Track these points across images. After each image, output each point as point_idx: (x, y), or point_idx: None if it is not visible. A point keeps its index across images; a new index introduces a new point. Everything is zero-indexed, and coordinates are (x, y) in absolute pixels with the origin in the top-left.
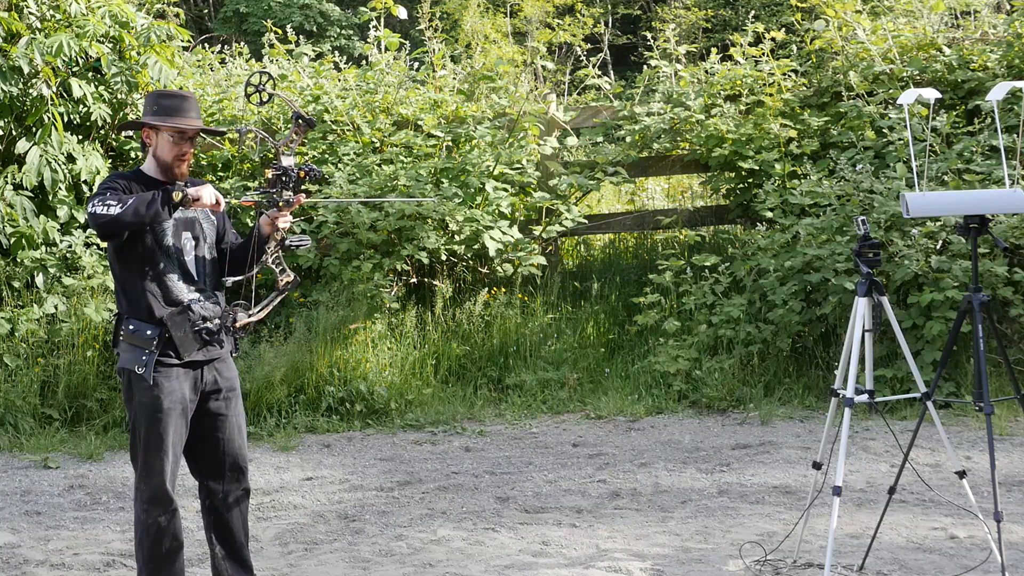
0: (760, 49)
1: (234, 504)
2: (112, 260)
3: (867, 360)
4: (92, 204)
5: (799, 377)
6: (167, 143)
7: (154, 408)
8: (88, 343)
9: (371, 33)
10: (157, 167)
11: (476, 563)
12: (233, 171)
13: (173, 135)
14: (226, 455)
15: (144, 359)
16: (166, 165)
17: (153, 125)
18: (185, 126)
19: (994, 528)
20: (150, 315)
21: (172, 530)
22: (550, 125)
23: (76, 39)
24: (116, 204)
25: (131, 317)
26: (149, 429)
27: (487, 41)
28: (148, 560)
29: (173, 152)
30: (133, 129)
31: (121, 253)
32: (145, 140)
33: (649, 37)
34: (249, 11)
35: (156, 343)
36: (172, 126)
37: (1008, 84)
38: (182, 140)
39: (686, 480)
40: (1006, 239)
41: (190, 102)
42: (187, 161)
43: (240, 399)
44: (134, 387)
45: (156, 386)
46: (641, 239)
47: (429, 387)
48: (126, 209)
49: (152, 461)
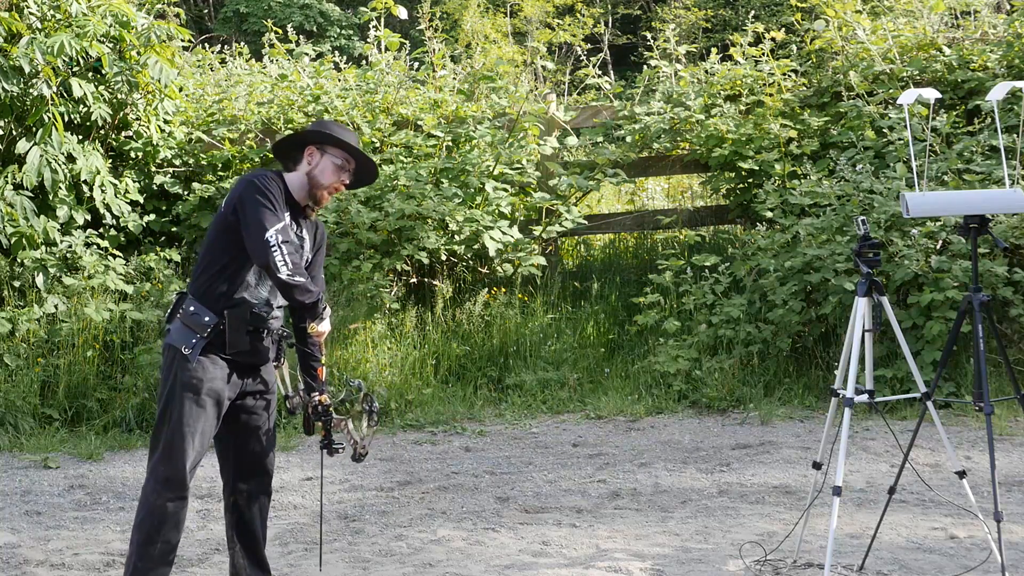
0: (760, 49)
1: (256, 505)
2: (213, 236)
3: (867, 360)
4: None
5: (799, 377)
6: (331, 167)
7: (192, 390)
8: (88, 343)
9: (371, 33)
10: (306, 186)
11: (476, 563)
12: (233, 171)
13: (341, 159)
14: (257, 454)
15: (194, 342)
16: (319, 188)
17: (326, 145)
18: (362, 153)
19: (994, 528)
20: (215, 304)
21: (176, 518)
22: (550, 125)
23: (76, 39)
24: (284, 265)
25: (196, 299)
26: (182, 410)
27: (487, 41)
28: (143, 543)
29: (333, 178)
30: (300, 145)
31: (226, 236)
32: (307, 156)
33: (649, 37)
34: (249, 11)
35: (209, 332)
36: (354, 149)
37: (1008, 84)
38: (345, 171)
39: (686, 480)
40: (1006, 239)
41: (355, 138)
42: (334, 194)
43: (275, 406)
44: (176, 365)
45: (200, 367)
46: (641, 239)
47: (429, 387)
48: (298, 283)
49: (177, 442)
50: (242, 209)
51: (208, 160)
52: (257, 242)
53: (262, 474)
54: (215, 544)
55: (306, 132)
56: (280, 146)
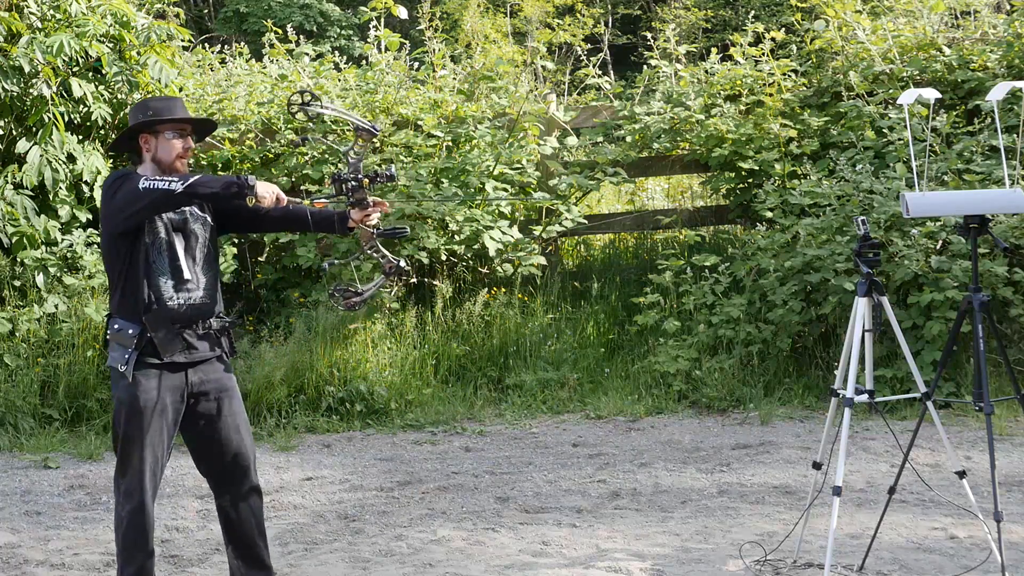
0: (760, 49)
1: (242, 503)
2: (105, 256)
3: (867, 360)
4: (136, 182)
5: (799, 377)
6: (167, 142)
7: (130, 405)
8: (88, 343)
9: (371, 33)
10: (157, 169)
11: (476, 563)
12: (233, 171)
13: (173, 132)
14: (225, 455)
15: (126, 357)
16: (168, 165)
17: (152, 127)
18: (186, 118)
19: (994, 528)
20: (134, 314)
21: (138, 524)
22: (550, 125)
23: (76, 39)
24: (178, 181)
25: (117, 315)
26: (126, 425)
27: (487, 41)
28: (122, 550)
29: (175, 150)
30: (131, 137)
31: (115, 249)
32: (143, 146)
33: (649, 37)
34: (249, 11)
35: (137, 342)
36: (171, 119)
37: (1008, 84)
38: (182, 136)
39: (686, 480)
40: (1006, 239)
41: (178, 102)
42: (187, 159)
43: (236, 398)
44: (116, 384)
45: (134, 384)
46: (641, 239)
47: (429, 387)
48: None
49: (128, 456)
50: (108, 208)
51: (208, 160)
52: (137, 200)
53: (237, 470)
54: (215, 544)
55: (131, 125)
56: (118, 146)
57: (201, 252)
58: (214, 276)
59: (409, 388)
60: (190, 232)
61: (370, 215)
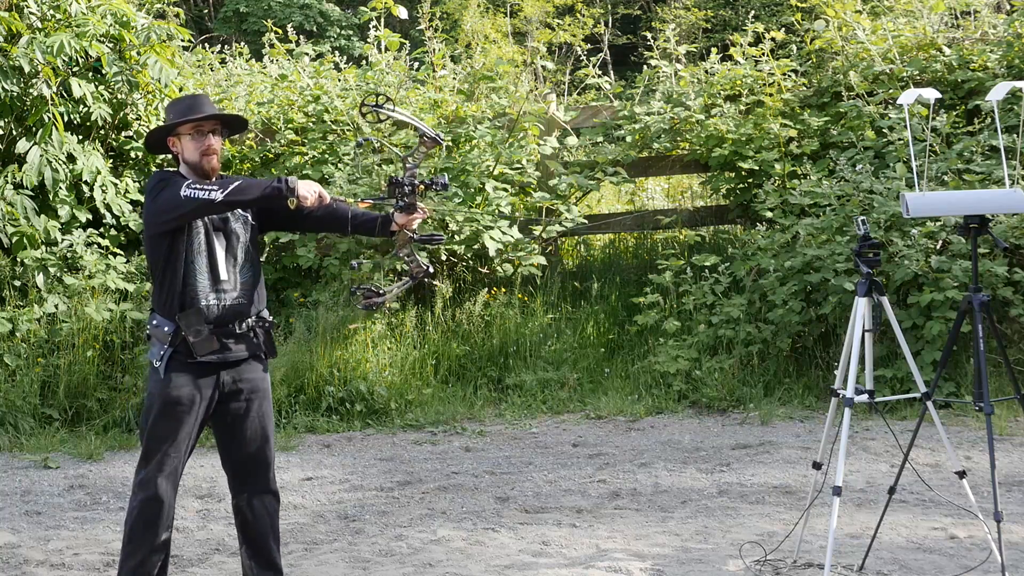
0: (760, 49)
1: (259, 505)
2: (148, 252)
3: (867, 360)
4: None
5: (799, 377)
6: (190, 143)
7: (161, 400)
8: (88, 343)
9: (371, 33)
10: (190, 171)
11: (476, 563)
12: (233, 171)
13: (191, 132)
14: (246, 456)
15: (161, 353)
16: (196, 164)
17: (173, 131)
18: (196, 117)
19: (994, 528)
20: (170, 311)
21: (147, 516)
22: (550, 125)
23: (76, 39)
24: (218, 190)
25: (156, 311)
26: (152, 420)
27: (487, 41)
28: (127, 541)
29: (198, 149)
30: (160, 139)
31: (156, 247)
32: (172, 150)
33: (649, 37)
34: (249, 11)
35: (172, 339)
36: (185, 120)
37: (1008, 84)
38: (202, 135)
39: (686, 480)
40: (1006, 239)
41: (201, 99)
42: (215, 155)
43: (267, 401)
44: (150, 378)
45: (166, 380)
46: (641, 239)
47: (429, 387)
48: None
49: (151, 448)
50: (150, 208)
51: None
52: (178, 207)
53: (257, 472)
54: (215, 544)
55: (154, 130)
56: (153, 150)
57: (242, 252)
58: (254, 277)
59: (409, 388)
60: (231, 232)
61: (414, 220)
